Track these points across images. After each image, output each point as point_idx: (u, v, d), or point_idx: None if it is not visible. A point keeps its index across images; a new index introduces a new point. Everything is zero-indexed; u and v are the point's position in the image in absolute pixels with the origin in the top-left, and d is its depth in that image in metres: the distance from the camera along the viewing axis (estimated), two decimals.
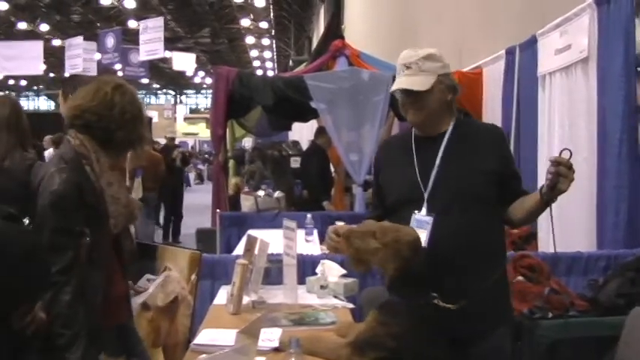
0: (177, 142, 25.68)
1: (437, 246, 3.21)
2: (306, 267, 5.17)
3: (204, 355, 3.09)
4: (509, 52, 7.84)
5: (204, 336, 3.62)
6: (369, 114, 9.30)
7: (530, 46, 7.23)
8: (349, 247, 3.16)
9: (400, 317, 3.10)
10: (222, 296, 4.56)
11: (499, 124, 7.93)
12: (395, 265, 3.04)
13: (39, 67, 26.19)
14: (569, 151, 3.05)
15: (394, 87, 3.38)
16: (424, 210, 3.33)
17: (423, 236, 3.24)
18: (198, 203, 17.99)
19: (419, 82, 3.32)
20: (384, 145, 3.94)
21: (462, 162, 3.37)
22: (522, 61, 7.53)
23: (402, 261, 3.03)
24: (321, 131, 11.11)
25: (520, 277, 5.00)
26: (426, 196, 3.34)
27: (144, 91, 61.37)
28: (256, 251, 4.37)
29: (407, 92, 3.36)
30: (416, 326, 3.07)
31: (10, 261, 2.14)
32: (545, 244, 6.57)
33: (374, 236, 3.11)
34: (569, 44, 6.22)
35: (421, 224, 3.29)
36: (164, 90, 66.48)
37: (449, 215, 3.30)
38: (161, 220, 15.84)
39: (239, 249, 6.36)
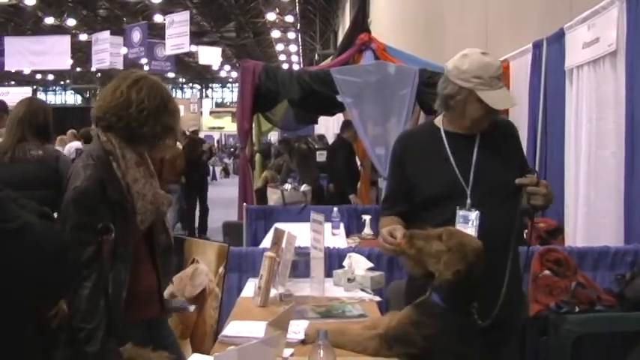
0: (202, 136, 25.80)
1: (482, 241, 3.21)
2: (333, 260, 5.18)
3: (232, 347, 3.12)
4: (536, 46, 7.79)
5: (233, 328, 3.65)
6: (395, 107, 9.27)
7: (558, 39, 7.19)
8: (411, 247, 3.16)
9: (435, 320, 3.10)
10: (249, 289, 4.59)
11: (525, 118, 7.91)
12: (456, 269, 3.04)
13: (66, 62, 26.39)
14: (532, 170, 3.40)
15: (506, 105, 3.51)
16: (468, 205, 3.40)
17: (471, 232, 3.32)
18: (224, 197, 18.10)
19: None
20: (405, 138, 3.89)
21: (495, 157, 3.48)
22: (549, 55, 7.48)
23: (465, 266, 3.03)
24: (347, 125, 11.11)
25: (547, 271, 5.00)
26: (468, 192, 3.42)
27: (170, 85, 61.55)
28: (284, 244, 4.39)
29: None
30: (449, 331, 3.09)
31: (47, 258, 2.17)
32: (572, 238, 6.55)
33: (439, 239, 3.11)
34: (597, 37, 6.18)
35: (466, 220, 3.37)
36: (190, 84, 66.61)
37: (489, 210, 3.39)
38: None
39: (266, 242, 6.39)
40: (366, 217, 7.63)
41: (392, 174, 3.82)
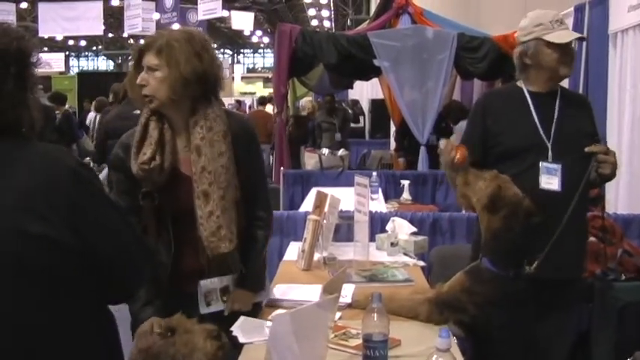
0: (233, 101, 25.86)
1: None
2: (375, 224, 5.15)
3: (280, 311, 3.09)
4: (578, 10, 7.64)
5: (277, 291, 3.63)
6: (432, 72, 9.24)
7: (602, 2, 7.04)
8: (463, 177, 3.32)
9: (487, 287, 3.08)
10: (291, 252, 4.57)
11: (565, 84, 7.78)
12: (491, 224, 3.09)
13: (99, 28, 26.34)
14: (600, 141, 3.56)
15: (571, 37, 3.62)
16: (550, 158, 3.52)
17: (556, 181, 3.48)
18: None
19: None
20: (491, 95, 4.31)
21: (574, 119, 3.62)
22: (592, 19, 7.33)
23: (501, 220, 3.06)
24: None
25: (592, 238, 4.92)
26: (549, 144, 3.54)
27: None
28: (326, 207, 4.34)
29: (568, 46, 3.57)
30: (501, 300, 3.07)
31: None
32: (613, 206, 6.47)
33: (485, 180, 3.21)
34: None
35: (550, 171, 3.50)
36: (221, 50, 66.50)
37: (568, 164, 3.50)
38: None
39: (306, 206, 6.36)
40: (405, 182, 7.56)
41: (471, 124, 3.93)
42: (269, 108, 17.56)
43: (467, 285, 3.13)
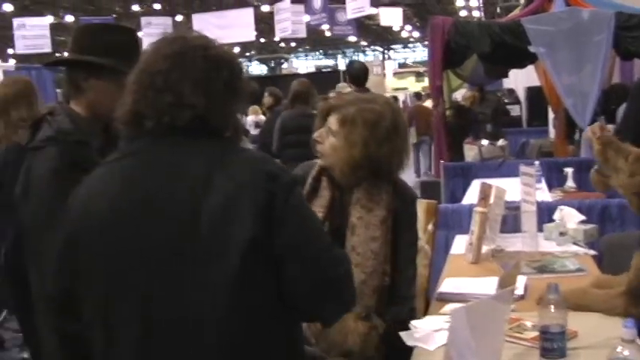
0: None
1: None
2: (542, 214, 5.05)
3: (453, 305, 3.09)
4: None
5: (448, 285, 3.62)
6: (590, 55, 8.94)
7: None
8: (602, 154, 3.10)
9: None
10: (458, 246, 4.54)
11: None
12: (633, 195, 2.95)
13: (251, 34, 26.88)
14: None
15: None
16: None
17: None
18: None
19: None
20: None
21: None
22: None
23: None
24: None
25: None
26: None
27: (352, 49, 62.03)
28: (492, 199, 4.30)
29: None
30: None
31: None
32: None
33: (626, 158, 3.01)
34: None
35: None
36: (371, 47, 66.58)
37: None
38: None
39: (469, 198, 6.32)
40: (568, 170, 7.36)
41: (628, 106, 4.00)
42: (427, 103, 17.57)
43: None
